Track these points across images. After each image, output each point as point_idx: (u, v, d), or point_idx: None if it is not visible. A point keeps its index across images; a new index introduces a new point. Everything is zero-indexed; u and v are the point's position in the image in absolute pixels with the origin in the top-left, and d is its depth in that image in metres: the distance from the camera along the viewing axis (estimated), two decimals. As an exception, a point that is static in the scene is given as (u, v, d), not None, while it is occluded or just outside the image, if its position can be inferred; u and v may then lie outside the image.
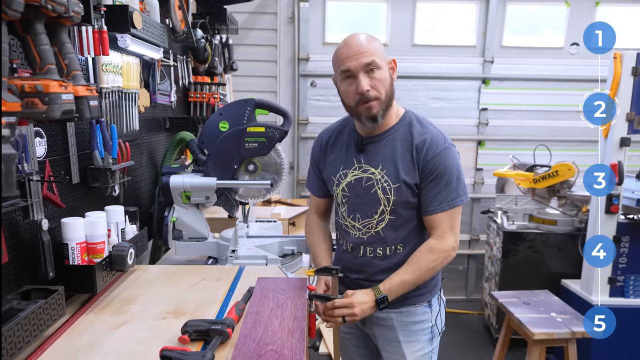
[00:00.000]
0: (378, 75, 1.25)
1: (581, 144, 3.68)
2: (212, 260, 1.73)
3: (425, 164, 1.29)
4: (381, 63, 1.26)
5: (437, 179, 1.29)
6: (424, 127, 1.33)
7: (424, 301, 1.41)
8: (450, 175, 1.29)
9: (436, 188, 1.29)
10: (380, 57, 1.26)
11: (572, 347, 2.16)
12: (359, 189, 1.35)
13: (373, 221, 1.35)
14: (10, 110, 0.78)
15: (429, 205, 1.30)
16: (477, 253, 3.81)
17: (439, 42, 3.60)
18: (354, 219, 1.38)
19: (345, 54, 1.26)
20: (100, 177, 1.43)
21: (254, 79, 3.57)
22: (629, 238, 2.53)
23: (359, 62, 1.23)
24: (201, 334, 1.05)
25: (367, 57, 1.23)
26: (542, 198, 3.05)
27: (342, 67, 1.26)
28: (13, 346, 0.93)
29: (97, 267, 1.22)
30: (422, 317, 1.41)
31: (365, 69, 1.24)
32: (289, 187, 3.75)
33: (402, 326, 1.40)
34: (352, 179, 1.36)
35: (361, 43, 1.25)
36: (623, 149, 2.40)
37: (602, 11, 3.58)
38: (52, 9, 0.91)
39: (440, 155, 1.28)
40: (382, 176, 1.32)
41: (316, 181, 1.50)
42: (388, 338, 1.42)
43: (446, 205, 1.29)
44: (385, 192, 1.31)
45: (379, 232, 1.35)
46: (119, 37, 1.43)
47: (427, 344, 1.42)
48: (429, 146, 1.29)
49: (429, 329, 1.42)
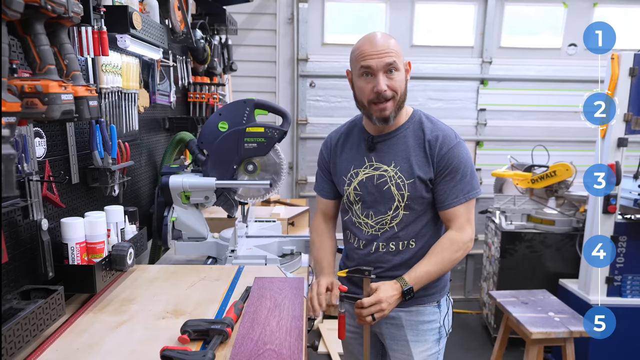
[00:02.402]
0: (396, 77, 1.27)
1: (579, 145, 3.69)
2: (211, 260, 1.73)
3: (440, 158, 1.31)
4: (400, 65, 1.28)
5: (452, 173, 1.31)
6: (435, 124, 1.36)
7: (434, 301, 1.42)
8: (464, 169, 1.32)
9: (452, 182, 1.32)
10: (400, 59, 1.29)
11: (569, 346, 2.17)
12: (371, 187, 1.37)
13: (387, 217, 1.36)
14: (10, 111, 0.78)
15: (446, 199, 1.33)
16: (475, 253, 3.81)
17: (438, 43, 3.61)
18: (367, 216, 1.39)
19: (368, 50, 1.26)
20: (99, 177, 1.44)
21: (253, 80, 3.58)
22: (627, 238, 2.54)
23: (382, 61, 1.25)
24: (201, 333, 1.05)
25: (389, 58, 1.25)
26: (540, 198, 3.06)
27: (363, 62, 1.27)
28: (13, 346, 0.93)
29: (97, 267, 1.22)
30: (431, 317, 1.42)
31: (386, 68, 1.26)
32: (288, 187, 3.76)
33: (411, 325, 1.41)
34: (364, 177, 1.38)
35: (386, 42, 1.27)
36: (620, 149, 2.41)
37: (599, 12, 3.59)
38: (51, 9, 0.92)
39: (454, 149, 1.31)
40: (395, 172, 1.34)
41: (325, 183, 1.51)
42: (396, 337, 1.43)
43: (462, 198, 1.32)
44: (400, 188, 1.33)
45: (393, 227, 1.37)
46: (119, 37, 1.43)
47: (435, 344, 1.43)
48: (442, 142, 1.32)
49: (437, 330, 1.43)
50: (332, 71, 3.58)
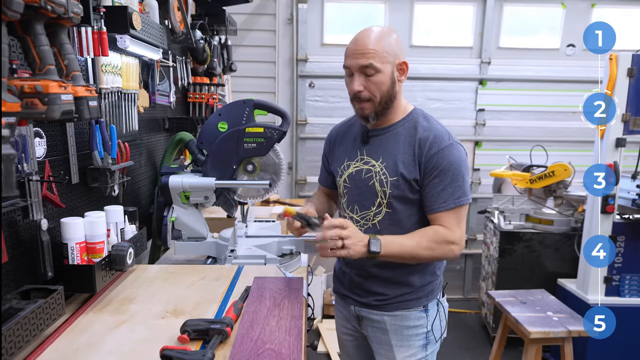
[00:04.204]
0: (375, 79, 1.24)
1: (577, 145, 3.70)
2: (211, 259, 1.73)
3: (428, 159, 1.26)
4: (381, 66, 1.23)
5: (440, 176, 1.25)
6: (430, 124, 1.31)
7: (420, 306, 1.37)
8: (455, 172, 1.25)
9: (440, 185, 1.25)
10: (384, 59, 1.23)
11: (568, 345, 2.17)
12: (359, 180, 1.35)
13: (370, 213, 1.34)
14: (10, 111, 0.78)
15: (434, 203, 1.27)
16: (474, 252, 3.83)
17: (437, 43, 3.61)
18: (352, 211, 1.38)
19: (349, 49, 1.26)
20: (99, 177, 1.44)
21: (253, 80, 3.58)
22: (625, 238, 2.55)
23: (357, 62, 1.24)
24: (200, 333, 1.05)
25: (366, 59, 1.22)
26: (538, 198, 3.07)
27: (345, 61, 1.28)
28: (13, 345, 0.93)
29: (97, 267, 1.22)
30: (416, 322, 1.37)
31: (362, 70, 1.24)
32: (288, 187, 3.76)
33: (395, 330, 1.37)
34: (354, 170, 1.37)
35: (367, 42, 1.23)
36: (619, 149, 2.41)
37: (598, 13, 3.60)
38: (51, 9, 0.92)
39: (444, 151, 1.25)
40: (381, 169, 1.31)
41: (324, 174, 1.55)
42: (381, 341, 1.41)
43: (452, 202, 1.25)
44: (383, 184, 1.30)
45: (376, 224, 1.34)
46: (119, 38, 1.43)
47: (421, 350, 1.38)
48: (433, 142, 1.26)
49: (424, 335, 1.38)
50: (332, 71, 3.59)
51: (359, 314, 1.44)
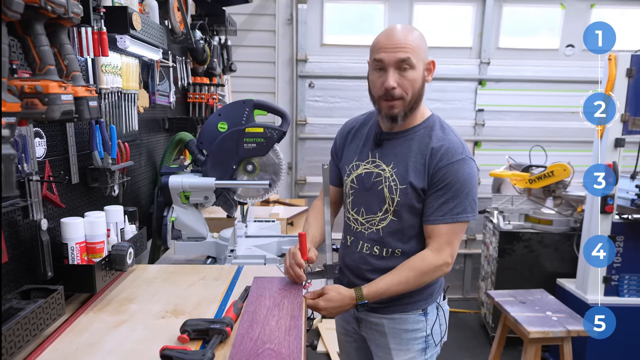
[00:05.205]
0: (409, 75, 1.20)
1: (576, 145, 3.71)
2: (211, 259, 1.74)
3: (436, 170, 1.23)
4: (416, 63, 1.20)
5: (445, 189, 1.23)
6: (445, 134, 1.27)
7: (418, 309, 1.35)
8: (460, 188, 1.22)
9: (442, 198, 1.23)
10: (418, 56, 1.20)
11: (567, 345, 2.18)
12: (367, 183, 1.32)
13: (376, 218, 1.32)
14: (10, 111, 0.78)
15: (431, 214, 1.25)
16: (473, 252, 3.83)
17: (436, 44, 3.61)
18: (357, 213, 1.36)
19: (383, 42, 1.21)
20: (99, 177, 1.44)
21: (253, 80, 3.58)
22: (624, 238, 2.55)
23: (394, 55, 1.18)
24: (200, 333, 1.05)
25: (403, 53, 1.18)
26: (537, 198, 3.07)
27: (376, 55, 1.21)
28: (13, 345, 0.93)
29: (97, 267, 1.22)
30: (415, 325, 1.35)
31: (398, 65, 1.19)
32: (287, 187, 3.76)
33: (394, 333, 1.36)
34: (363, 171, 1.34)
35: (403, 37, 1.19)
36: (618, 149, 2.42)
37: (597, 13, 3.61)
38: (51, 10, 0.92)
39: (454, 165, 1.22)
40: (391, 174, 1.28)
41: (332, 168, 1.47)
42: (379, 344, 1.40)
43: (449, 217, 1.23)
44: (392, 191, 1.28)
45: (379, 230, 1.32)
46: (119, 38, 1.43)
47: (420, 354, 1.36)
48: (444, 153, 1.23)
49: (423, 339, 1.36)
50: (331, 72, 3.59)
51: (358, 315, 1.44)
